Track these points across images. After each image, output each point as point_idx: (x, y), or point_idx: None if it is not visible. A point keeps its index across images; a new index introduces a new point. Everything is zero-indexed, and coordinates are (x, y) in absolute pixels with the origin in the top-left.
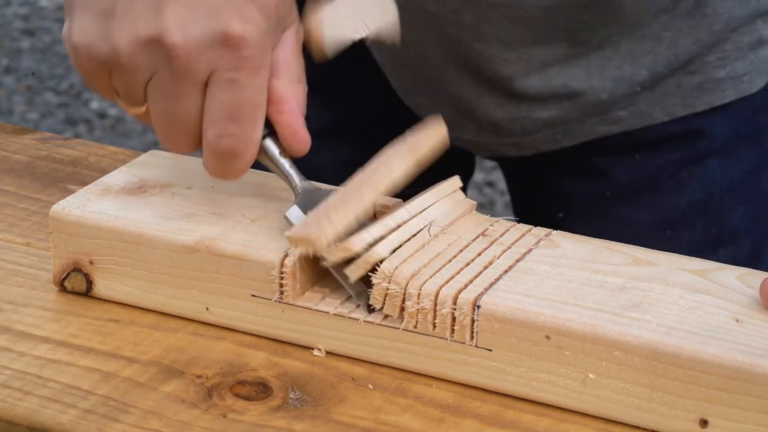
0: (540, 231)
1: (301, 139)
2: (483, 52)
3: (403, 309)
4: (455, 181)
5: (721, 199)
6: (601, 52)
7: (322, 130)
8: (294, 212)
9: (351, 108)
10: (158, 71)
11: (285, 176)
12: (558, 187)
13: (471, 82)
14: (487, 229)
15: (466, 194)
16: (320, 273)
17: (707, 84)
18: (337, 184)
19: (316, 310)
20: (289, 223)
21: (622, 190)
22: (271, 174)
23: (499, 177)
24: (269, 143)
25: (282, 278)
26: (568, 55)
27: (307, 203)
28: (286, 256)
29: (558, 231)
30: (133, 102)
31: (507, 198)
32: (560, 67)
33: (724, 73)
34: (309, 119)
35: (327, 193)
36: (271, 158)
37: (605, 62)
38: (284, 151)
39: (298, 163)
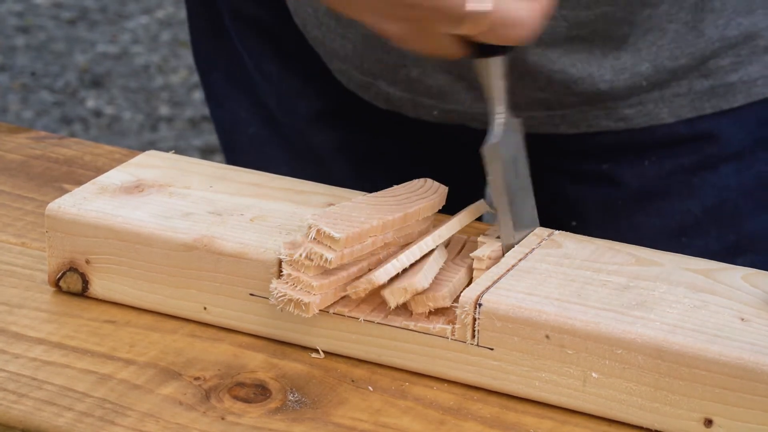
0: (543, 231)
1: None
2: None
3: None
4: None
5: (736, 204)
6: (603, 39)
7: (320, 112)
8: (492, 147)
9: (347, 90)
10: None
11: (493, 99)
12: (569, 195)
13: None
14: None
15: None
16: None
17: (719, 88)
18: (338, 167)
19: None
20: (485, 157)
21: (633, 197)
22: (269, 174)
23: None
24: (499, 61)
25: (281, 277)
26: (568, 37)
27: (504, 139)
28: None
29: (560, 231)
30: None
31: None
32: (559, 47)
33: (737, 78)
34: (306, 101)
35: (518, 133)
36: (491, 76)
37: (606, 50)
38: (505, 76)
39: (298, 144)
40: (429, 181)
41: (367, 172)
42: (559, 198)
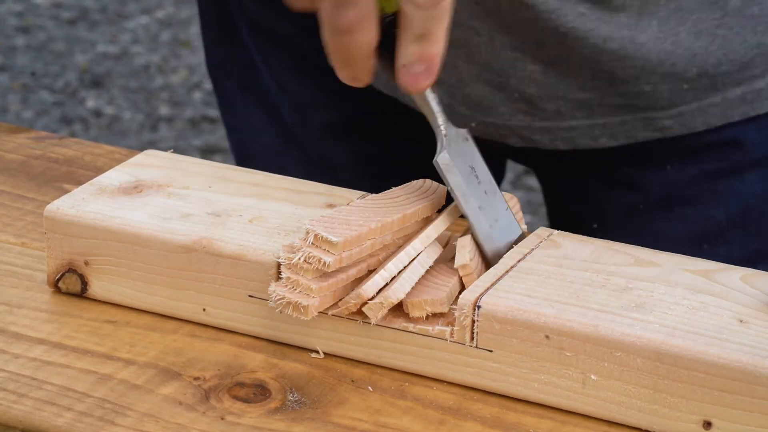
0: (543, 231)
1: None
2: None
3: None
4: None
5: (761, 212)
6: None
7: (338, 123)
8: (444, 158)
9: (365, 101)
10: None
11: (432, 114)
12: (592, 197)
13: (507, 44)
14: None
15: None
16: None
17: (748, 95)
18: (352, 179)
19: None
20: (440, 169)
21: (656, 203)
22: (268, 174)
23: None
24: None
25: (279, 279)
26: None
27: (454, 149)
28: None
29: (559, 231)
30: None
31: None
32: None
33: (764, 83)
34: (324, 112)
35: (468, 141)
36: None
37: (659, 21)
38: (435, 88)
39: (312, 155)
40: (428, 181)
41: (386, 184)
42: (580, 200)
